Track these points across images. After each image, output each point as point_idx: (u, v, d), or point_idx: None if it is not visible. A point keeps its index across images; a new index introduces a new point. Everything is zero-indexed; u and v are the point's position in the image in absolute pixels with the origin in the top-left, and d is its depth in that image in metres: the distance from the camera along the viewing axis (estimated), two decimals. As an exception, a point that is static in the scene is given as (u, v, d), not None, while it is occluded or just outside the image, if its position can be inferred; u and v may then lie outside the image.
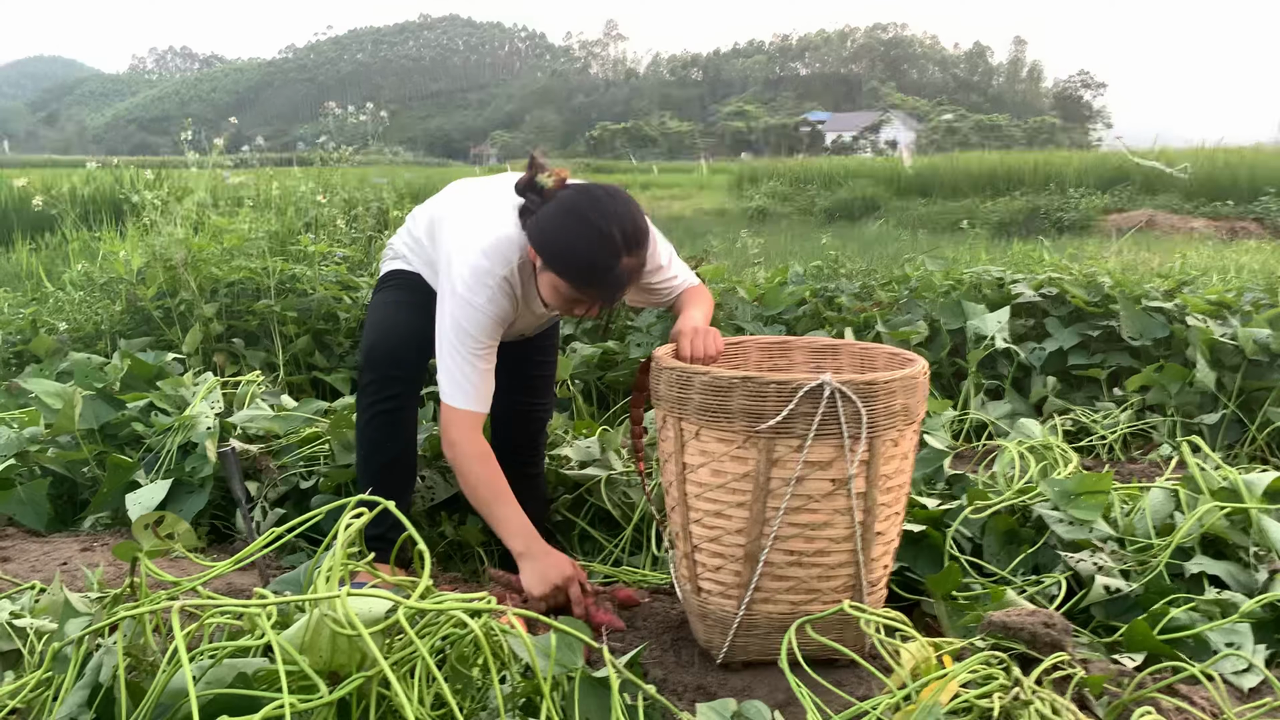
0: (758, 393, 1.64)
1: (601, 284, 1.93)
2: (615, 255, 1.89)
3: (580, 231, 1.89)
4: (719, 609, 1.79)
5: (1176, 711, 1.65)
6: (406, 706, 1.14)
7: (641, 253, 1.94)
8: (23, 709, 1.42)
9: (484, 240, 2.06)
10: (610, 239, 1.88)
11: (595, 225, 1.88)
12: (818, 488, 1.68)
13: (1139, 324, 4.08)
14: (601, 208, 1.90)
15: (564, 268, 1.93)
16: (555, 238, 1.92)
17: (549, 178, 1.99)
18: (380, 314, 2.30)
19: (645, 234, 1.94)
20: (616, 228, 1.88)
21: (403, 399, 2.24)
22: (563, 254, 1.92)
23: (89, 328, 4.44)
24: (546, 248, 1.94)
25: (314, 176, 8.31)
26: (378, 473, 2.25)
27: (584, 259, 1.90)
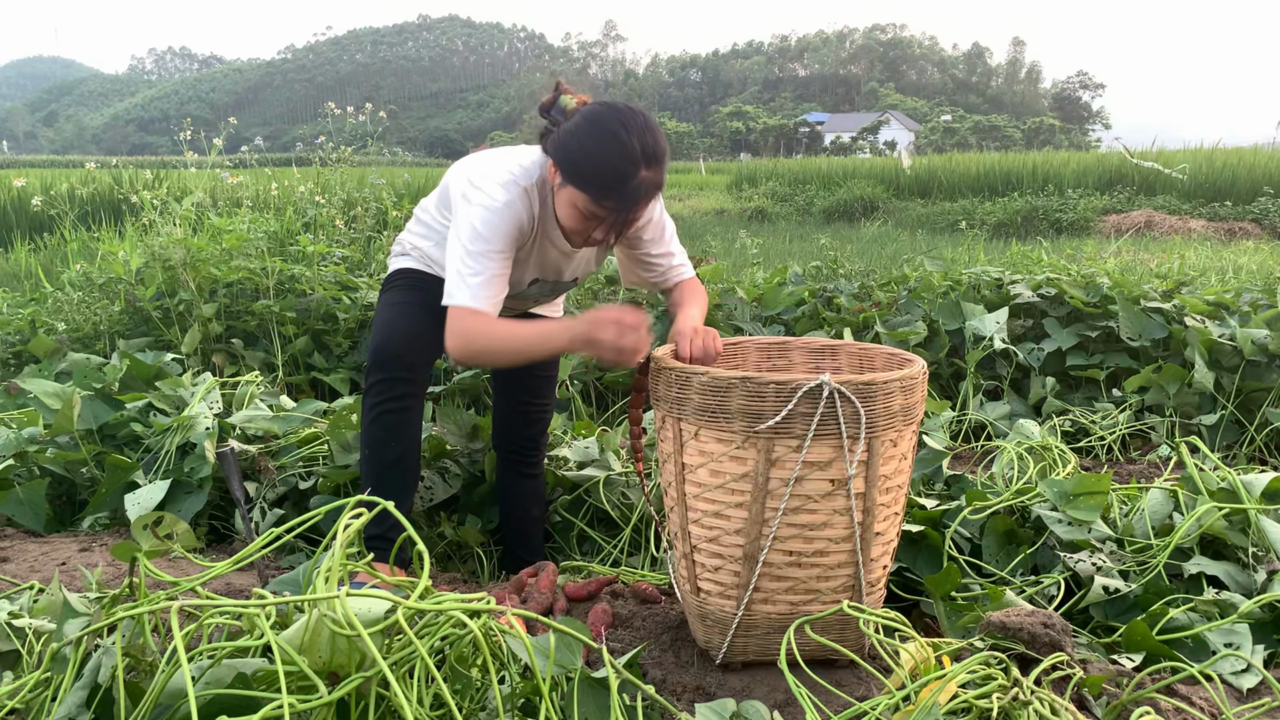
0: (757, 393, 1.64)
1: (619, 194, 1.91)
2: (634, 164, 1.89)
3: (601, 139, 1.89)
4: (718, 609, 1.79)
5: (1175, 712, 1.65)
6: (406, 707, 1.14)
7: (660, 169, 1.93)
8: (21, 709, 1.42)
9: (504, 162, 2.08)
10: (630, 148, 1.88)
11: (616, 134, 1.88)
12: (817, 488, 1.68)
13: (1137, 325, 4.08)
14: (623, 119, 1.90)
15: (584, 176, 1.92)
16: (576, 146, 1.92)
17: (572, 99, 2.00)
18: (388, 314, 2.29)
19: (664, 152, 1.94)
20: (637, 138, 1.88)
21: (408, 400, 2.23)
22: (582, 162, 1.92)
23: (88, 328, 4.44)
24: (567, 157, 1.94)
25: (313, 177, 8.32)
26: (380, 473, 2.25)
27: (603, 166, 1.90)
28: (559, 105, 2.00)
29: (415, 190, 11.38)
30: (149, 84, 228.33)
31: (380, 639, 1.23)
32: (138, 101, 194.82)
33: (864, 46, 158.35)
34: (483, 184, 2.04)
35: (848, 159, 27.10)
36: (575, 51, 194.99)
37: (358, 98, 43.18)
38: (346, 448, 2.75)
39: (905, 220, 15.90)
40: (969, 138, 59.77)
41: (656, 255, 2.24)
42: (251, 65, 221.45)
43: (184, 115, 11.28)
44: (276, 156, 17.96)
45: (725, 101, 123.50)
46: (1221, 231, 13.82)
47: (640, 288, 2.21)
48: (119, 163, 12.58)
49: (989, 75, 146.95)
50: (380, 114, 9.51)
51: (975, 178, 18.47)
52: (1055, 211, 14.91)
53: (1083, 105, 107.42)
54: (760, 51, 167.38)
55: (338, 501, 1.47)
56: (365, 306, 4.48)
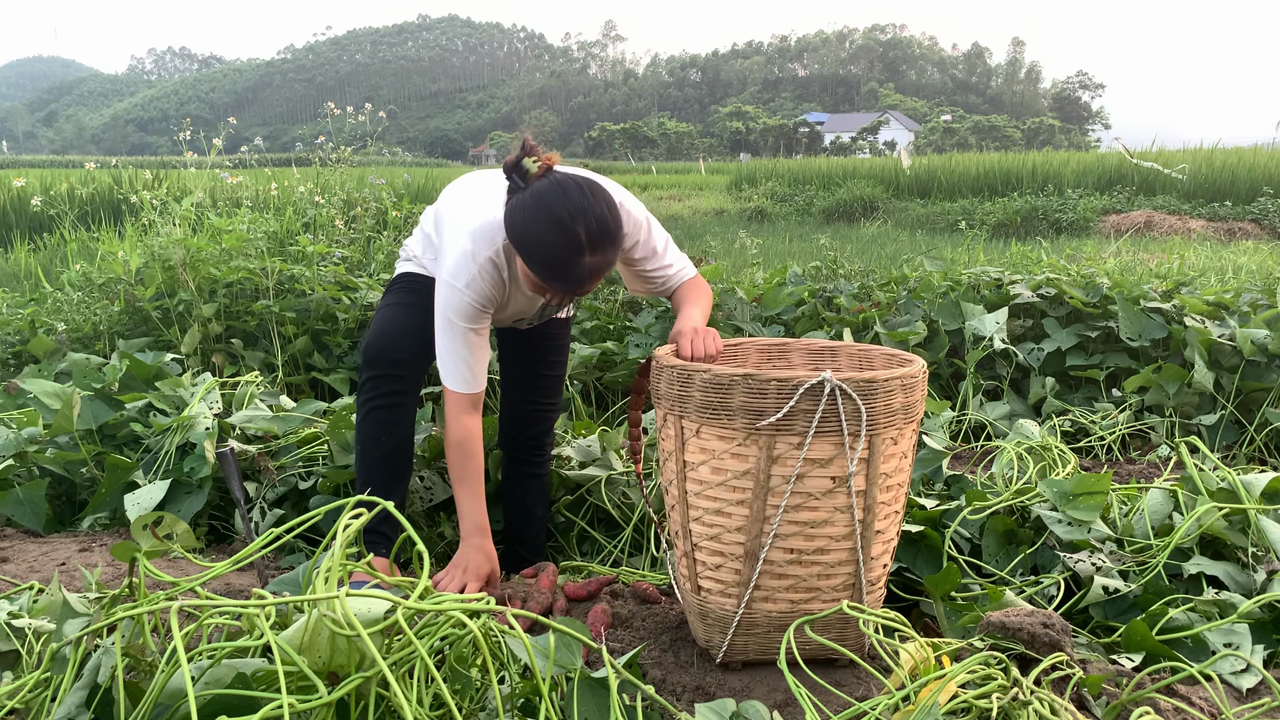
0: (758, 389, 1.64)
1: (562, 279, 1.93)
2: (578, 252, 1.89)
3: (545, 226, 1.89)
4: (719, 607, 1.79)
5: (1175, 712, 1.65)
6: (405, 707, 1.14)
7: (609, 252, 1.94)
8: (21, 709, 1.42)
9: (472, 224, 2.11)
10: (574, 236, 1.88)
11: (560, 221, 1.88)
12: (818, 485, 1.68)
13: (1137, 325, 4.08)
14: (570, 203, 1.89)
15: (528, 258, 1.95)
16: (522, 227, 1.94)
17: (535, 163, 1.98)
18: (383, 314, 2.35)
19: (614, 234, 1.94)
20: (582, 225, 1.88)
21: (399, 397, 2.27)
22: (527, 245, 1.94)
23: (87, 328, 4.44)
24: (514, 236, 1.96)
25: (312, 177, 8.32)
26: (372, 467, 2.28)
27: (547, 253, 1.91)
28: (521, 168, 1.99)
29: (415, 190, 11.38)
30: (149, 84, 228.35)
31: (380, 639, 1.23)
32: (137, 101, 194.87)
33: (864, 46, 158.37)
34: (451, 253, 2.11)
35: (847, 159, 27.09)
36: (575, 51, 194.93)
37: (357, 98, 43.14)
38: (346, 448, 2.75)
39: (905, 220, 15.90)
40: (969, 138, 59.81)
41: (652, 270, 2.26)
42: (251, 65, 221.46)
43: (184, 115, 11.29)
44: (276, 156, 17.95)
45: (725, 101, 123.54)
46: (1221, 231, 13.81)
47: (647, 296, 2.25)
48: (119, 163, 12.58)
49: (989, 75, 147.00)
50: (380, 114, 9.51)
51: (975, 178, 18.46)
52: (1055, 211, 14.90)
53: (1082, 105, 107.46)
54: (760, 51, 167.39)
55: (337, 501, 1.47)
56: (365, 306, 4.48)
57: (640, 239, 2.20)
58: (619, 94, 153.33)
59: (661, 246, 2.24)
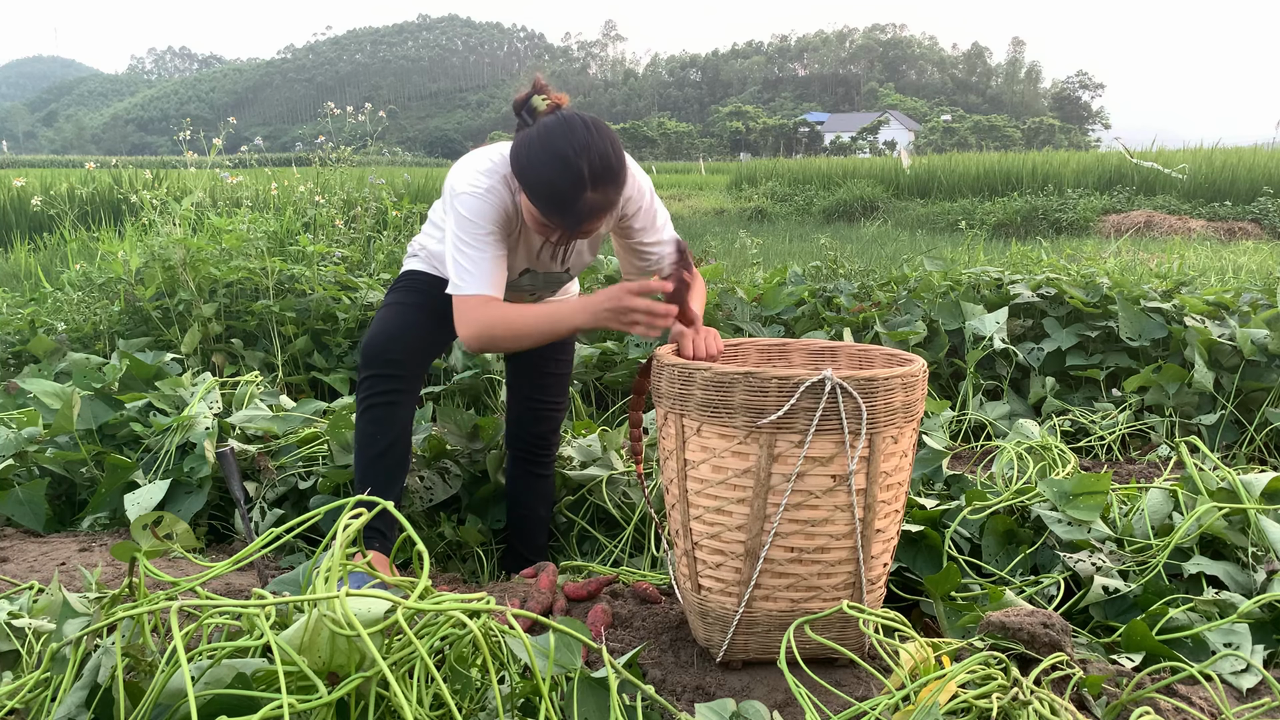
0: (759, 388, 1.65)
1: (564, 213, 1.92)
2: (580, 187, 1.88)
3: (549, 159, 1.88)
4: (719, 606, 1.79)
5: (1175, 712, 1.65)
6: (405, 707, 1.14)
7: (610, 190, 1.92)
8: (21, 709, 1.42)
9: (479, 163, 2.10)
10: (577, 171, 1.87)
11: (564, 155, 1.87)
12: (818, 483, 1.68)
13: (1137, 325, 4.08)
14: (575, 138, 1.88)
15: (531, 191, 1.94)
16: (527, 161, 1.93)
17: (544, 100, 1.98)
18: (385, 313, 2.34)
19: (617, 172, 1.92)
20: (585, 160, 1.87)
21: (397, 395, 2.26)
22: (531, 178, 1.93)
23: (87, 328, 4.44)
24: (519, 169, 1.95)
25: (312, 177, 8.32)
26: (369, 465, 2.28)
27: (549, 186, 1.90)
28: (530, 105, 1.99)
29: (415, 190, 11.37)
30: (149, 84, 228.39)
31: (380, 639, 1.23)
32: (137, 101, 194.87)
33: (864, 46, 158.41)
34: (467, 174, 2.08)
35: (847, 159, 27.09)
36: (575, 51, 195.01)
37: (357, 98, 43.18)
38: (346, 448, 2.75)
39: (905, 220, 15.90)
40: (969, 137, 59.81)
41: (649, 244, 2.24)
42: (251, 65, 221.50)
43: (184, 115, 11.27)
44: (276, 156, 17.95)
45: (725, 101, 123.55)
46: (1221, 231, 13.81)
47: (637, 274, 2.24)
48: (119, 162, 12.58)
49: (989, 75, 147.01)
50: (380, 114, 9.51)
51: (975, 178, 18.45)
52: (1055, 211, 14.90)
53: (1082, 105, 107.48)
54: (760, 51, 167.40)
55: (337, 501, 1.47)
56: (365, 306, 4.48)
57: (642, 206, 2.18)
58: (619, 94, 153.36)
59: (661, 221, 2.24)
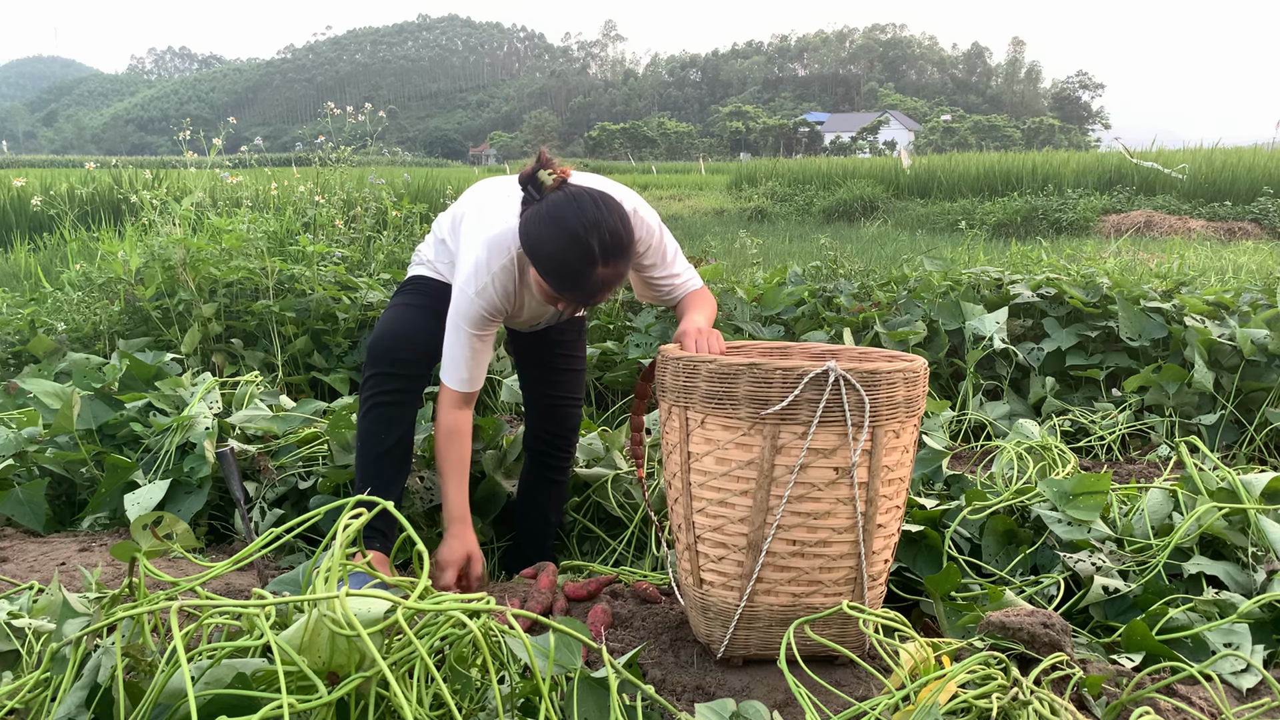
0: (763, 379, 1.66)
1: (575, 290, 1.98)
2: (591, 265, 1.93)
3: (559, 238, 1.93)
4: (720, 601, 1.80)
5: (1175, 712, 1.65)
6: (405, 707, 1.14)
7: (621, 264, 1.98)
8: (21, 709, 1.42)
9: (487, 232, 2.15)
10: (587, 249, 1.91)
11: (574, 233, 1.91)
12: (821, 475, 1.69)
13: (1137, 325, 4.08)
14: (584, 216, 1.92)
15: (542, 269, 1.99)
16: (536, 239, 1.97)
17: (550, 175, 2.01)
18: (391, 314, 2.39)
19: (626, 246, 1.97)
20: (595, 238, 1.91)
21: (400, 395, 2.30)
22: (541, 256, 1.97)
23: (87, 328, 4.44)
24: (529, 246, 2.00)
25: (312, 177, 8.32)
26: (371, 464, 2.30)
27: (560, 264, 1.95)
28: (536, 179, 2.02)
29: (415, 190, 11.38)
30: (149, 84, 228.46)
31: (380, 639, 1.23)
32: (137, 101, 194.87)
33: (864, 46, 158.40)
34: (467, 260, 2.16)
35: (847, 159, 27.09)
36: (575, 51, 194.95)
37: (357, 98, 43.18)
38: (346, 448, 2.75)
39: (905, 220, 15.90)
40: (969, 138, 59.81)
41: (660, 278, 2.29)
42: (251, 65, 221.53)
43: (184, 115, 11.27)
44: (276, 156, 17.94)
45: (725, 101, 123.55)
46: (1221, 231, 13.81)
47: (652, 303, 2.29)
48: (118, 162, 12.56)
49: (989, 75, 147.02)
50: (380, 114, 9.51)
51: (975, 178, 18.45)
52: (1055, 211, 14.90)
53: (1082, 105, 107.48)
54: (760, 51, 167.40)
55: (337, 501, 1.47)
56: (365, 306, 4.48)
57: (653, 244, 2.24)
58: (619, 94, 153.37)
59: (671, 255, 2.28)
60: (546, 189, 2.00)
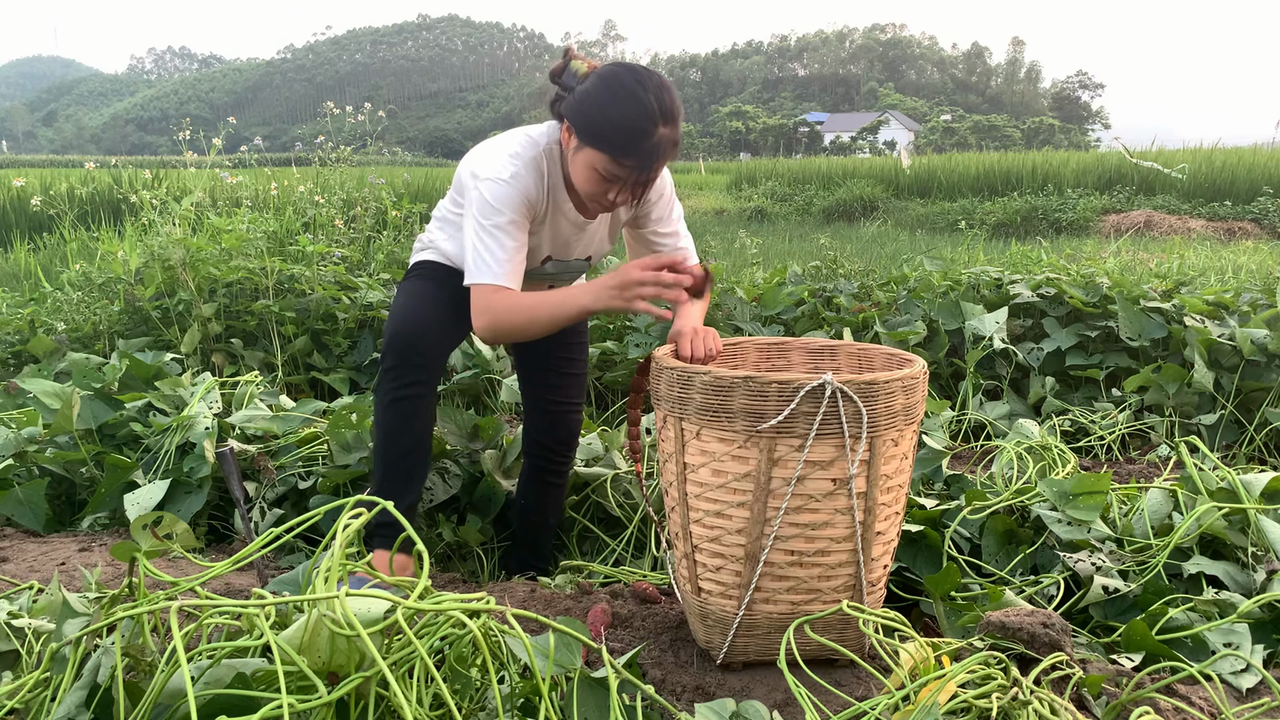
0: (759, 392, 1.64)
1: (638, 152, 1.91)
2: (653, 121, 1.90)
3: (620, 98, 1.90)
4: (719, 609, 1.79)
5: (1175, 712, 1.65)
6: (405, 707, 1.14)
7: (676, 127, 1.95)
8: (21, 709, 1.42)
9: (509, 138, 2.10)
10: (648, 105, 1.89)
11: (633, 92, 1.89)
12: (819, 487, 1.68)
13: (1137, 324, 4.08)
14: (639, 78, 1.91)
15: (602, 135, 1.92)
16: (593, 105, 1.92)
17: (582, 64, 2.01)
18: (404, 301, 2.27)
19: (680, 110, 1.95)
20: (654, 96, 1.89)
21: (421, 388, 2.20)
22: (600, 121, 1.92)
23: (87, 328, 4.44)
24: (584, 118, 1.94)
25: (312, 177, 8.32)
26: (392, 461, 2.23)
27: (623, 124, 1.90)
28: (570, 70, 2.01)
29: (415, 190, 11.38)
30: (148, 84, 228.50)
31: (380, 639, 1.23)
32: (137, 101, 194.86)
33: (864, 46, 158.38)
34: (490, 160, 2.06)
35: (847, 159, 27.09)
36: (575, 51, 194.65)
37: (357, 97, 43.14)
38: (346, 447, 2.75)
39: (905, 220, 15.90)
40: (968, 137, 59.80)
41: (664, 234, 2.25)
42: (251, 65, 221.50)
43: (183, 115, 11.27)
44: (276, 156, 17.92)
45: (725, 101, 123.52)
46: (1221, 231, 13.82)
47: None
48: (118, 162, 12.57)
49: (989, 75, 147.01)
50: (380, 114, 9.51)
51: (975, 177, 18.45)
52: (1055, 211, 14.91)
53: (1082, 105, 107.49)
54: (760, 51, 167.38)
55: (337, 501, 1.47)
56: (365, 306, 4.48)
57: (664, 194, 2.22)
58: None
59: (676, 214, 2.26)
60: (581, 75, 1.98)
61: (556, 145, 2.09)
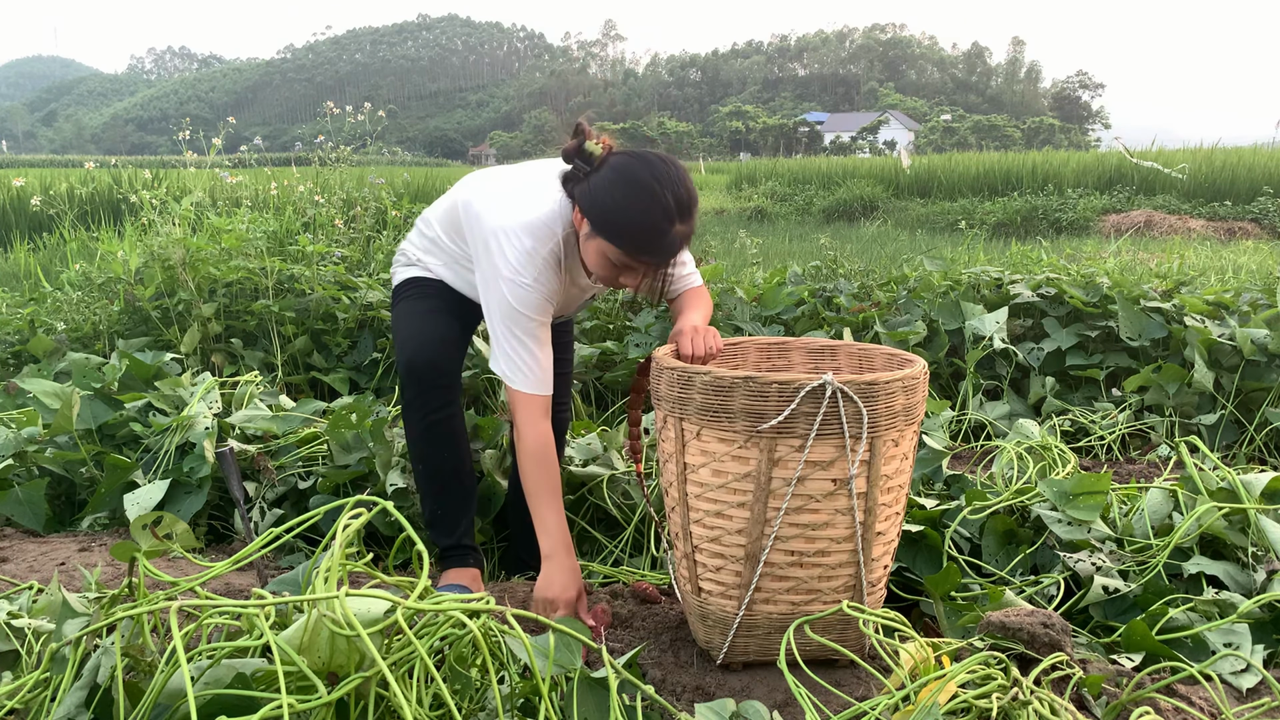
0: (759, 392, 1.64)
1: (655, 250, 1.90)
2: (669, 220, 1.87)
3: (635, 197, 1.87)
4: (719, 609, 1.79)
5: (1175, 712, 1.65)
6: (405, 707, 1.14)
7: (691, 221, 1.93)
8: (21, 709, 1.42)
9: (526, 216, 2.03)
10: (665, 205, 1.86)
11: (650, 190, 1.86)
12: (819, 487, 1.68)
13: (1137, 324, 4.08)
14: (655, 172, 1.88)
15: (617, 233, 1.90)
16: (609, 203, 1.89)
17: (596, 144, 1.96)
18: (413, 325, 2.24)
19: (695, 202, 1.93)
20: (670, 193, 1.87)
21: (451, 408, 2.20)
22: (617, 220, 1.89)
23: (87, 328, 4.44)
24: (599, 214, 1.91)
25: (312, 176, 8.32)
26: (442, 487, 2.22)
27: (638, 225, 1.87)
28: (584, 151, 1.96)
29: (415, 190, 11.38)
30: (148, 84, 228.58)
31: (379, 639, 1.23)
32: (137, 101, 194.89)
33: (864, 46, 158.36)
34: (508, 251, 2.01)
35: (847, 159, 27.07)
36: (575, 51, 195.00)
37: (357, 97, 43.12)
38: (346, 448, 2.75)
39: (905, 220, 15.90)
40: (969, 137, 59.78)
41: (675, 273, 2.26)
42: (251, 65, 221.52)
43: (183, 115, 11.28)
44: (276, 156, 17.92)
45: (725, 101, 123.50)
46: (1221, 231, 13.82)
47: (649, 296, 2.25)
48: (118, 162, 12.56)
49: (989, 75, 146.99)
50: (379, 114, 9.50)
51: (975, 177, 18.45)
52: (1055, 211, 14.91)
53: (1082, 105, 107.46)
54: (760, 51, 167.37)
55: (337, 501, 1.47)
56: (364, 306, 4.48)
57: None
58: (619, 93, 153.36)
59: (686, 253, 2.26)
60: (598, 158, 1.94)
61: (572, 231, 2.05)
